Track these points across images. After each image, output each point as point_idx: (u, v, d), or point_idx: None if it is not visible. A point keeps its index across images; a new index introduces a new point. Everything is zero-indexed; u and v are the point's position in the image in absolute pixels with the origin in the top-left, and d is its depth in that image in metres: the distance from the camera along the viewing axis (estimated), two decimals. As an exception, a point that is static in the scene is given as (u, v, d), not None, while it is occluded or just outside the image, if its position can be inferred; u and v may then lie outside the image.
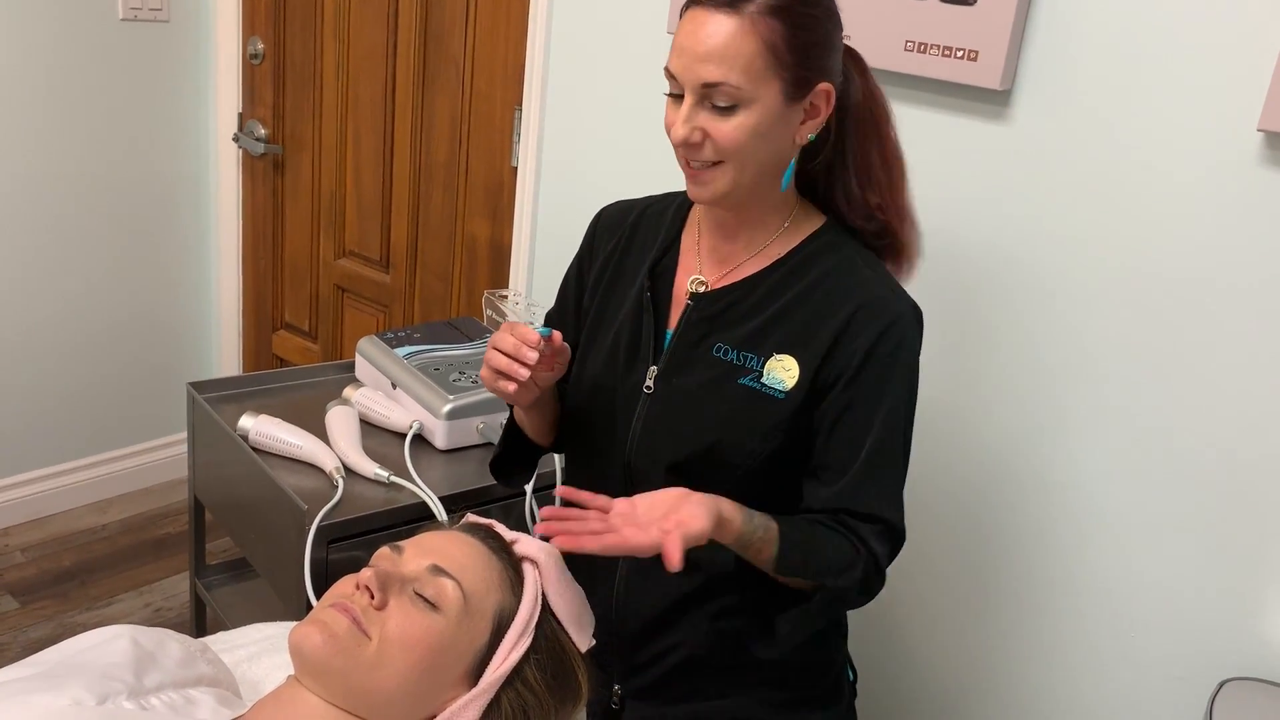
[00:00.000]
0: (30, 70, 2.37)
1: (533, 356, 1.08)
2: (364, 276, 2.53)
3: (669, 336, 1.18)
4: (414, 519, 1.50)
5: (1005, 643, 1.53)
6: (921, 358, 1.14)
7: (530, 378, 1.10)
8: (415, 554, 0.99)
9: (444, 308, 2.37)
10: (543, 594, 1.02)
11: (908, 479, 1.15)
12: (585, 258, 1.30)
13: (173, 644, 0.99)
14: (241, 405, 1.68)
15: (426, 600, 0.94)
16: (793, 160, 1.11)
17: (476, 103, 2.18)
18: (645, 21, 1.82)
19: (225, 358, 2.90)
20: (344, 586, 0.97)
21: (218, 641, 1.19)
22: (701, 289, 1.17)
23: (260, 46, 2.57)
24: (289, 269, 2.71)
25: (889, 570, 1.13)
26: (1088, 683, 1.46)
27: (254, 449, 1.57)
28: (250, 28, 2.59)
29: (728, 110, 1.03)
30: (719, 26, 1.01)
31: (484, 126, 2.18)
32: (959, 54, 1.42)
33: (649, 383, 1.17)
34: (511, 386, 1.11)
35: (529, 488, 1.57)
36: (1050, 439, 1.44)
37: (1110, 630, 1.43)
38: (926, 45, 1.44)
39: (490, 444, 1.65)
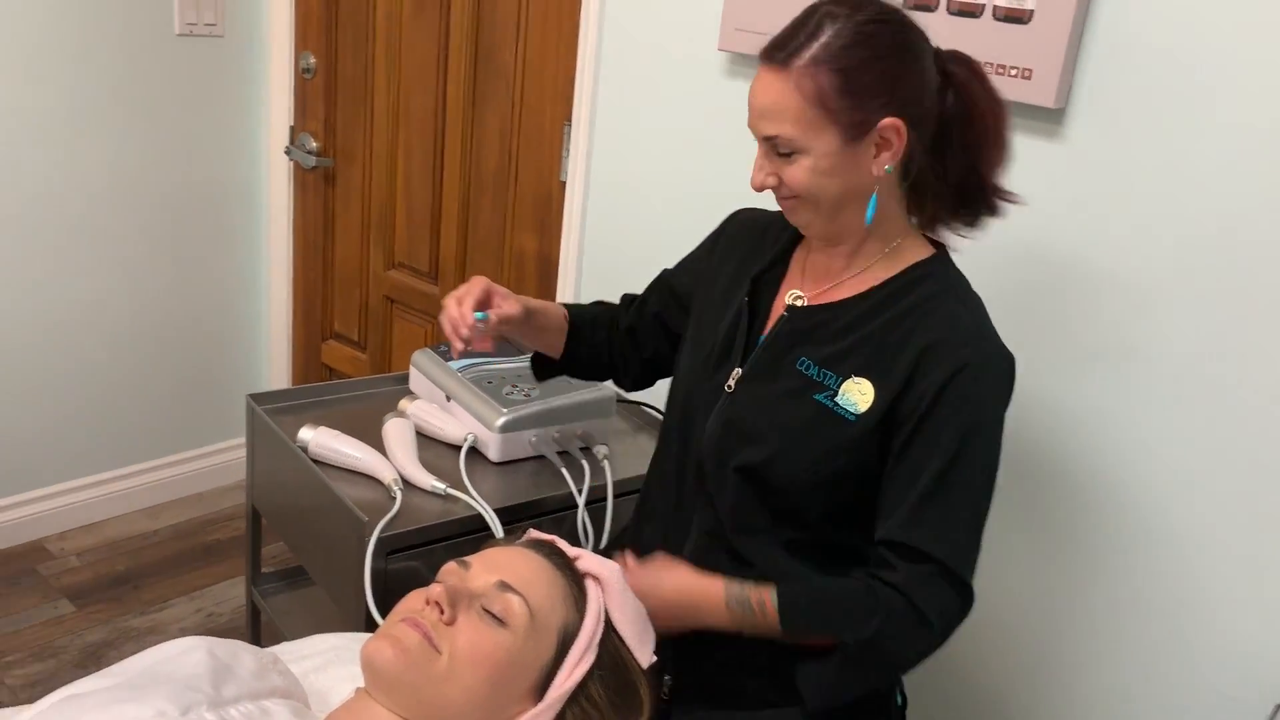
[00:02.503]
0: (90, 82, 2.43)
1: (464, 334, 1.26)
2: (413, 288, 2.56)
3: (760, 343, 1.22)
4: (470, 531, 1.52)
5: (1056, 655, 1.53)
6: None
7: (470, 343, 1.27)
8: (482, 570, 1.01)
9: (492, 319, 2.40)
10: (605, 611, 1.04)
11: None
12: (710, 250, 1.38)
13: (246, 655, 1.01)
14: (299, 417, 1.71)
15: (494, 616, 0.96)
16: (874, 192, 1.14)
17: (526, 117, 2.21)
18: (696, 39, 1.84)
19: (275, 366, 2.94)
20: (413, 601, 1.00)
21: (283, 652, 1.21)
22: (799, 303, 1.22)
23: (312, 61, 2.61)
24: (339, 280, 2.75)
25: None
26: (1141, 695, 1.46)
27: (313, 460, 1.59)
28: (302, 42, 2.63)
29: (790, 156, 1.11)
30: (769, 84, 1.10)
31: (533, 141, 2.21)
32: (1013, 72, 1.42)
33: (730, 384, 1.22)
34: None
35: (581, 500, 1.59)
36: (1118, 450, 1.44)
37: (1167, 645, 1.42)
38: (981, 64, 1.45)
39: (543, 456, 1.68)
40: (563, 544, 1.09)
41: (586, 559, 1.07)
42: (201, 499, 2.90)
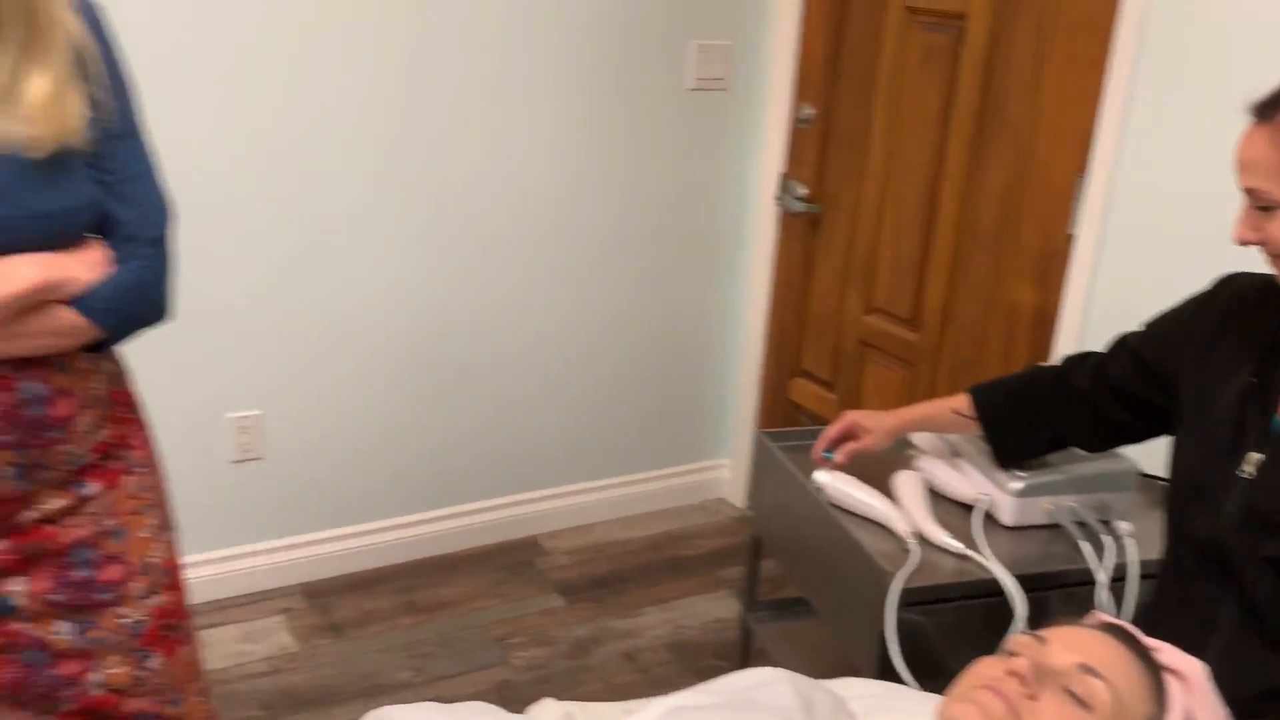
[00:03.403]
0: (613, 129, 2.71)
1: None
2: (890, 334, 2.60)
3: (1275, 424, 1.15)
4: (984, 594, 1.51)
5: None
6: None
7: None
8: (1061, 648, 1.00)
9: (974, 372, 2.37)
10: (1190, 712, 0.99)
11: None
12: (1193, 319, 1.32)
13: (820, 694, 1.08)
14: (805, 456, 1.79)
15: (1078, 698, 0.95)
16: None
17: (1033, 168, 2.17)
18: (1235, 96, 1.71)
19: (744, 396, 3.10)
20: (990, 669, 1.01)
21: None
22: None
23: (810, 111, 2.73)
24: (813, 320, 2.85)
25: None
26: None
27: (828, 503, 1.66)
28: (802, 94, 2.76)
29: (1270, 211, 1.13)
30: (1253, 138, 1.15)
31: (1039, 192, 2.16)
32: None
33: (1249, 469, 1.16)
34: None
35: (1104, 577, 1.52)
36: None
37: None
38: None
39: (1057, 525, 1.63)
40: (1138, 633, 1.06)
41: (1168, 652, 1.03)
42: (670, 514, 3.12)
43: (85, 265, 1.16)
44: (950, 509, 1.68)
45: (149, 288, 1.22)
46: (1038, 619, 1.45)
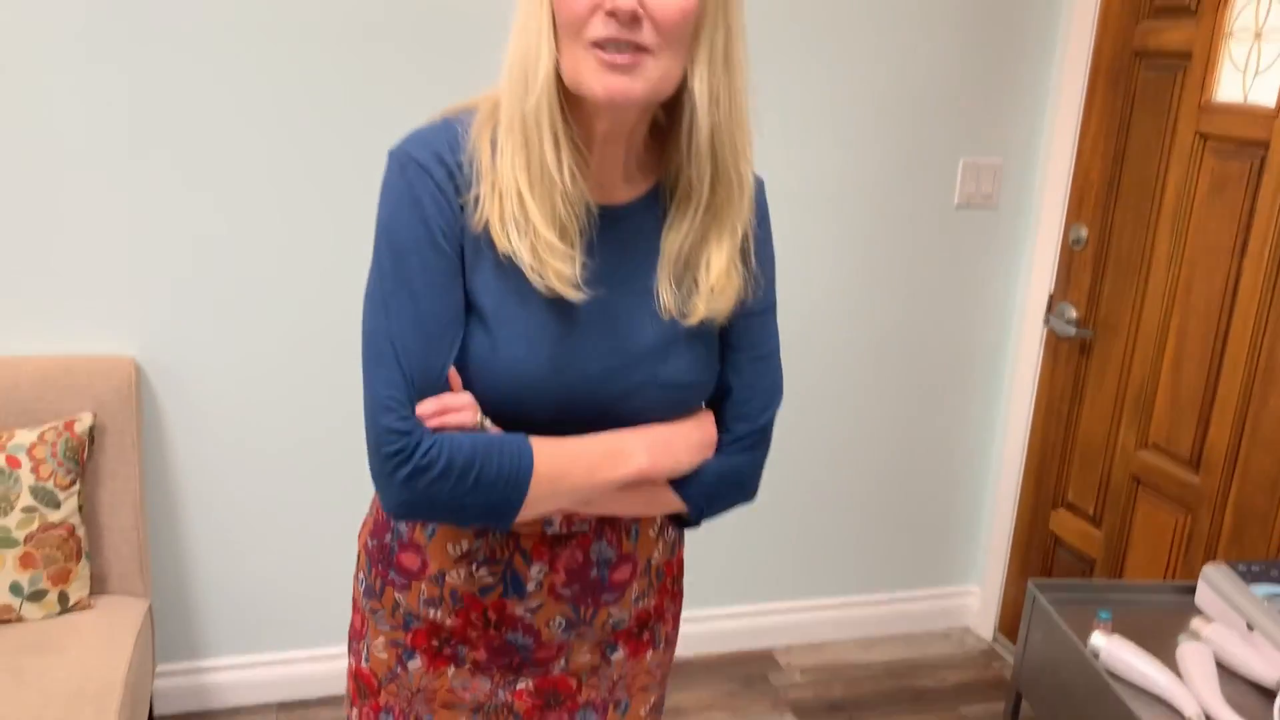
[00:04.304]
0: (869, 244, 2.70)
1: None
2: (1167, 473, 2.42)
3: None
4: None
5: None
6: None
7: None
8: None
9: (1265, 525, 2.17)
10: None
11: None
12: None
13: None
14: (1077, 610, 1.68)
15: None
16: None
17: (1346, 311, 1.98)
18: None
19: (999, 521, 2.97)
20: None
21: None
22: None
23: (1084, 233, 2.63)
24: (1080, 450, 2.70)
25: None
26: None
27: (1105, 669, 1.55)
28: (1075, 214, 2.66)
29: None
30: None
31: (1353, 338, 1.97)
32: None
33: None
34: None
35: None
36: None
37: None
38: None
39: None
40: None
41: None
42: (911, 640, 3.00)
43: (692, 449, 1.13)
44: (1244, 689, 1.53)
45: (747, 477, 1.20)
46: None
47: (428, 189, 1.04)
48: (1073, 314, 2.66)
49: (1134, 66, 2.49)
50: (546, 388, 1.06)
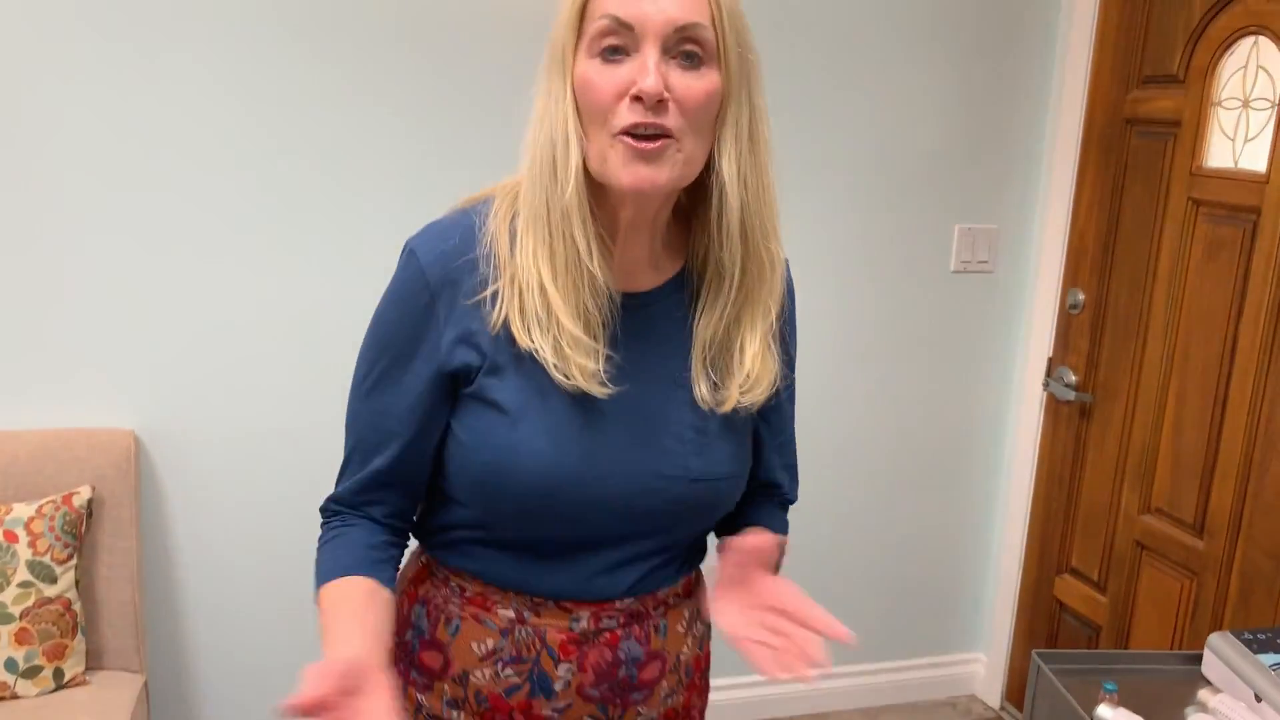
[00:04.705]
0: (865, 309, 2.72)
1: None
2: (1171, 538, 2.40)
3: None
4: None
5: None
6: None
7: None
8: None
9: (1271, 589, 2.15)
10: None
11: None
12: None
13: None
14: (1082, 681, 1.66)
15: None
16: None
17: (1343, 375, 1.99)
18: None
19: (1003, 587, 2.94)
20: None
21: None
22: None
23: (1080, 297, 2.64)
24: (1083, 515, 2.68)
25: None
26: None
27: (1109, 744, 1.53)
28: (1071, 279, 2.68)
29: None
30: None
31: (1352, 402, 1.97)
32: None
33: None
34: None
35: None
36: None
37: None
38: None
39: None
40: None
41: None
42: (915, 710, 2.95)
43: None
44: (1253, 763, 1.51)
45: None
46: None
47: (420, 300, 1.04)
48: (1072, 378, 2.67)
49: (1125, 134, 2.52)
50: (573, 484, 1.04)
